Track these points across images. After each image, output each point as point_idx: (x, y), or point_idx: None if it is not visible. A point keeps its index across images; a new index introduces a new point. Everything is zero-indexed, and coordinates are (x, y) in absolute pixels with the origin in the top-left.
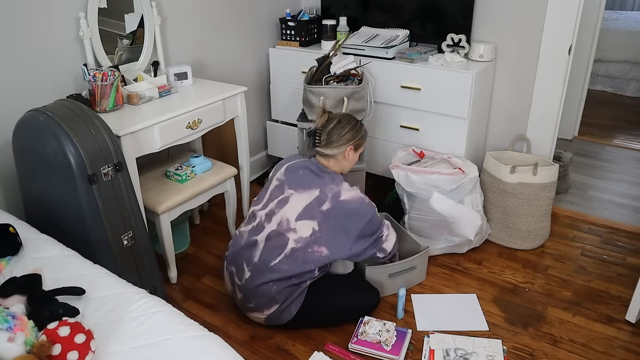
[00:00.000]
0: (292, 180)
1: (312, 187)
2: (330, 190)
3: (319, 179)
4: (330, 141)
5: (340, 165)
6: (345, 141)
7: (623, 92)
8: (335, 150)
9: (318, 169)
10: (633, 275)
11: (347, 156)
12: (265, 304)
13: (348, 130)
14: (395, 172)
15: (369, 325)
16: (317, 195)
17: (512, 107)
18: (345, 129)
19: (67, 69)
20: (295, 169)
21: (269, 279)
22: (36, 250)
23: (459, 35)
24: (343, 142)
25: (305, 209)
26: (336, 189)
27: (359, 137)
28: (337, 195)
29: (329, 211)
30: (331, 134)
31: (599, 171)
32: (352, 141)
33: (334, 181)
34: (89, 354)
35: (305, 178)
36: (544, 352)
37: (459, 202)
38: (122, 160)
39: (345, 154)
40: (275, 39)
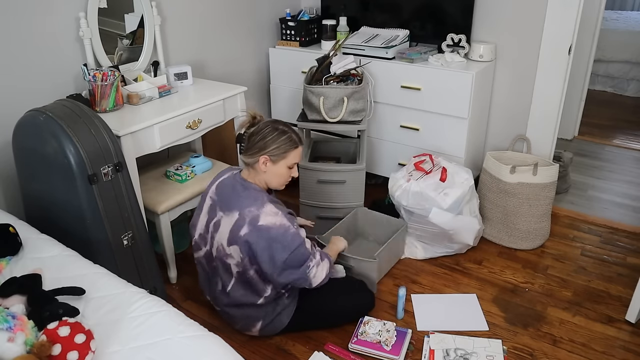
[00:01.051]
0: (221, 200)
1: (233, 209)
2: (248, 213)
3: (239, 200)
4: (247, 147)
5: (261, 177)
6: (258, 149)
7: (623, 92)
8: (249, 158)
9: (241, 186)
10: (633, 275)
11: (265, 167)
12: (248, 324)
13: (262, 137)
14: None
15: (369, 325)
16: (237, 219)
17: (512, 107)
18: (259, 134)
19: (67, 69)
20: (223, 187)
21: (236, 304)
22: (36, 250)
23: (459, 35)
24: (256, 149)
25: (230, 233)
26: (255, 212)
27: (273, 147)
28: (255, 219)
29: (247, 236)
30: (249, 139)
31: (599, 171)
32: (266, 150)
33: (255, 202)
34: (89, 354)
35: (229, 198)
36: (544, 352)
37: (459, 214)
38: (122, 160)
39: (260, 165)
40: (275, 39)
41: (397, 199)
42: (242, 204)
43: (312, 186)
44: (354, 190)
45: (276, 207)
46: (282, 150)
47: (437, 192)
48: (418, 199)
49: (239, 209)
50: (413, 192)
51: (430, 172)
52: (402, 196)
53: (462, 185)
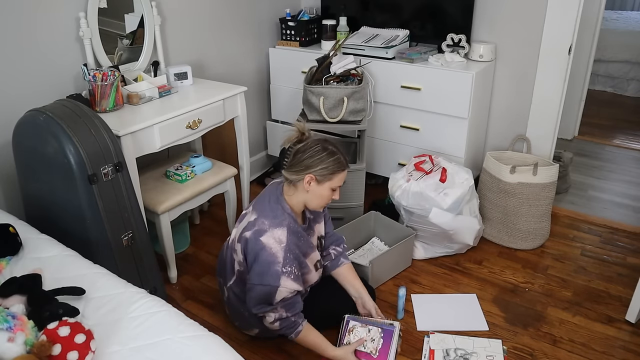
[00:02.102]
0: (260, 196)
1: (256, 210)
2: (261, 223)
3: (264, 206)
4: (291, 164)
5: (303, 197)
6: (304, 167)
7: (623, 92)
8: (293, 175)
9: (275, 198)
10: (633, 275)
11: (309, 187)
12: (246, 326)
13: (309, 155)
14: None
15: (354, 334)
16: (251, 220)
17: (512, 107)
18: (307, 153)
19: (67, 69)
20: (267, 189)
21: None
22: (36, 250)
23: (459, 35)
24: (302, 167)
25: (242, 229)
26: (266, 226)
27: (321, 167)
28: (260, 232)
29: (247, 241)
30: (294, 156)
31: (599, 171)
32: (311, 169)
33: (274, 219)
34: (89, 354)
35: (260, 200)
36: (544, 352)
37: (458, 214)
38: (122, 160)
39: (305, 184)
40: (275, 39)
41: (397, 199)
42: (264, 211)
43: None
44: (354, 190)
45: (287, 236)
46: (330, 171)
47: (437, 192)
48: (418, 199)
49: (258, 214)
50: (413, 193)
51: (430, 172)
52: (402, 196)
53: (462, 185)
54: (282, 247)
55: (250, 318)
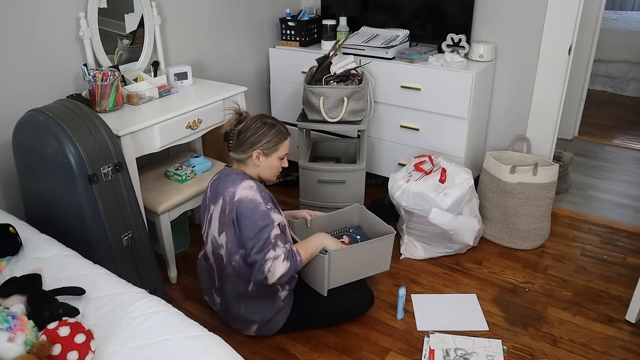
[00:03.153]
0: (211, 194)
1: (218, 197)
2: (228, 193)
3: (222, 185)
4: (237, 144)
5: (254, 171)
6: (250, 145)
7: (623, 92)
8: (241, 154)
9: (225, 174)
10: (633, 275)
11: (258, 161)
12: (244, 325)
13: (252, 133)
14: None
15: None
16: (221, 203)
17: (512, 107)
18: (249, 131)
19: (67, 69)
20: (214, 182)
21: (231, 302)
22: (36, 250)
23: (459, 35)
24: (247, 145)
25: (219, 221)
26: (232, 190)
27: (265, 141)
28: (232, 196)
29: (229, 214)
30: (238, 137)
31: (599, 171)
32: (258, 145)
33: (233, 183)
34: (89, 354)
35: (215, 188)
36: (544, 352)
37: (458, 214)
38: (122, 160)
39: (254, 159)
40: (275, 39)
41: (397, 200)
42: (223, 188)
43: (312, 186)
44: (354, 190)
45: (254, 182)
46: (274, 143)
47: (437, 193)
48: (418, 199)
49: (222, 194)
50: (413, 193)
51: (430, 172)
52: (402, 197)
53: (461, 185)
54: (255, 190)
55: (247, 314)
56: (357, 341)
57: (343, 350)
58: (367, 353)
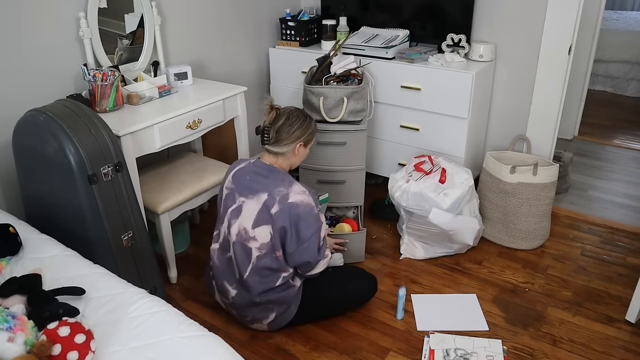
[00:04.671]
0: (241, 186)
1: (260, 191)
2: (278, 192)
3: (266, 182)
4: (279, 139)
5: (289, 161)
6: (295, 138)
7: (623, 92)
8: (284, 147)
9: (267, 170)
10: (633, 275)
11: (297, 152)
12: (260, 316)
13: (297, 126)
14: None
15: None
16: (266, 199)
17: (512, 107)
18: (294, 125)
19: (67, 69)
20: (242, 174)
21: (253, 294)
22: (36, 250)
23: (459, 35)
24: (292, 139)
25: (258, 214)
26: (284, 191)
27: (309, 133)
28: (285, 197)
29: (278, 214)
30: (280, 131)
31: (599, 171)
32: (302, 137)
33: (282, 182)
34: (89, 354)
35: (253, 183)
36: (544, 352)
37: (458, 214)
38: (122, 160)
39: (295, 151)
40: (275, 39)
41: (397, 200)
42: (270, 185)
43: (312, 186)
44: (354, 190)
45: (304, 186)
46: (314, 133)
47: (437, 193)
48: (418, 199)
49: (267, 191)
50: (413, 193)
51: (430, 172)
52: (401, 197)
53: (461, 185)
54: (307, 194)
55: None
56: (357, 341)
57: (343, 350)
58: (367, 353)
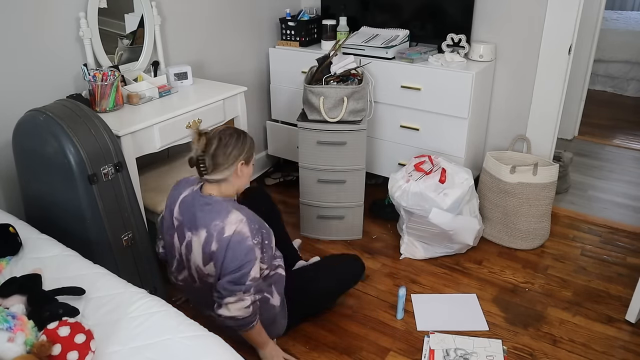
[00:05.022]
0: (187, 219)
1: (200, 227)
2: (214, 227)
3: (203, 216)
4: (216, 164)
5: (234, 186)
6: (234, 159)
7: (623, 92)
8: (225, 172)
9: (204, 203)
10: (633, 275)
11: (241, 173)
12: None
13: (233, 146)
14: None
15: None
16: (206, 236)
17: (512, 107)
18: (229, 146)
19: (67, 69)
20: (187, 206)
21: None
22: (36, 250)
23: (459, 35)
24: (231, 161)
25: (203, 252)
26: (220, 225)
27: (247, 149)
28: (221, 232)
29: (218, 251)
30: (215, 156)
31: (599, 171)
32: (241, 156)
33: (219, 215)
34: (89, 354)
35: (194, 217)
36: (544, 352)
37: (458, 214)
38: (122, 160)
39: (237, 172)
40: (275, 39)
41: (396, 200)
42: (207, 219)
43: (312, 186)
44: (354, 190)
45: (242, 213)
46: (251, 149)
47: (437, 193)
48: (418, 199)
49: (205, 226)
50: (413, 193)
51: (429, 172)
52: (401, 197)
53: (461, 185)
54: (244, 222)
55: None
56: (357, 341)
57: (343, 350)
58: (367, 353)
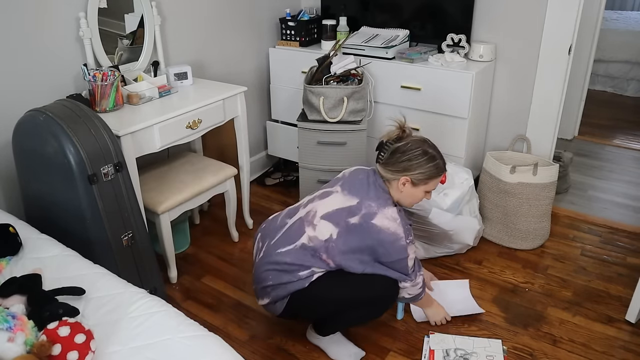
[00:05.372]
0: (348, 180)
1: (354, 195)
2: (367, 206)
3: (365, 190)
4: (388, 162)
5: (396, 195)
6: (401, 169)
7: (623, 92)
8: (389, 174)
9: (374, 182)
10: (633, 275)
11: (402, 189)
12: (260, 292)
13: (408, 158)
14: None
15: None
16: (353, 205)
17: (512, 107)
18: (406, 155)
19: (67, 69)
20: (357, 173)
21: (271, 267)
22: (36, 250)
23: (459, 35)
24: (398, 169)
25: (335, 211)
26: (373, 208)
27: (418, 172)
28: (370, 215)
29: (354, 227)
30: (393, 155)
31: (599, 171)
32: (408, 172)
33: (377, 199)
34: (89, 354)
35: (357, 183)
36: (544, 352)
37: (458, 214)
38: (122, 160)
39: (399, 185)
40: (275, 39)
41: None
42: (366, 195)
43: (312, 186)
44: None
45: (399, 214)
46: (427, 176)
47: (437, 193)
48: None
49: (360, 198)
50: None
51: None
52: None
53: (461, 185)
54: (398, 222)
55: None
56: (357, 341)
57: None
58: (367, 353)
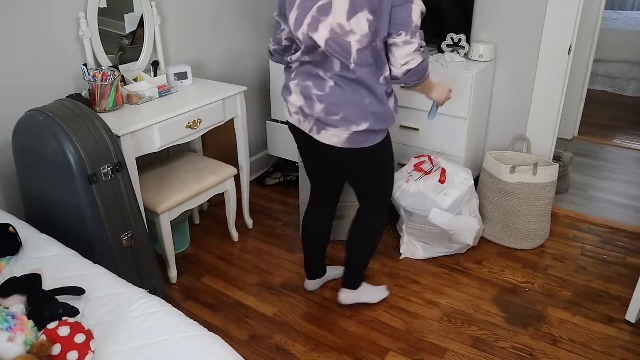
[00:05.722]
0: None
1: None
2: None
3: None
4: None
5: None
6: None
7: (623, 92)
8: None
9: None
10: (633, 275)
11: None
12: (353, 118)
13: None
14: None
15: None
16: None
17: (512, 107)
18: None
19: (67, 69)
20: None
21: (360, 88)
22: (36, 250)
23: (459, 35)
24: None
25: (351, 3)
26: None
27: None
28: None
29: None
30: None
31: (599, 171)
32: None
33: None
34: (89, 354)
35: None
36: (544, 352)
37: (458, 214)
38: (122, 160)
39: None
40: None
41: (396, 200)
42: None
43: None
44: None
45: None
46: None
47: (437, 193)
48: (418, 199)
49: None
50: (412, 193)
51: (429, 173)
52: (401, 197)
53: (461, 185)
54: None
55: (370, 104)
56: (357, 341)
57: (343, 350)
58: (367, 353)
